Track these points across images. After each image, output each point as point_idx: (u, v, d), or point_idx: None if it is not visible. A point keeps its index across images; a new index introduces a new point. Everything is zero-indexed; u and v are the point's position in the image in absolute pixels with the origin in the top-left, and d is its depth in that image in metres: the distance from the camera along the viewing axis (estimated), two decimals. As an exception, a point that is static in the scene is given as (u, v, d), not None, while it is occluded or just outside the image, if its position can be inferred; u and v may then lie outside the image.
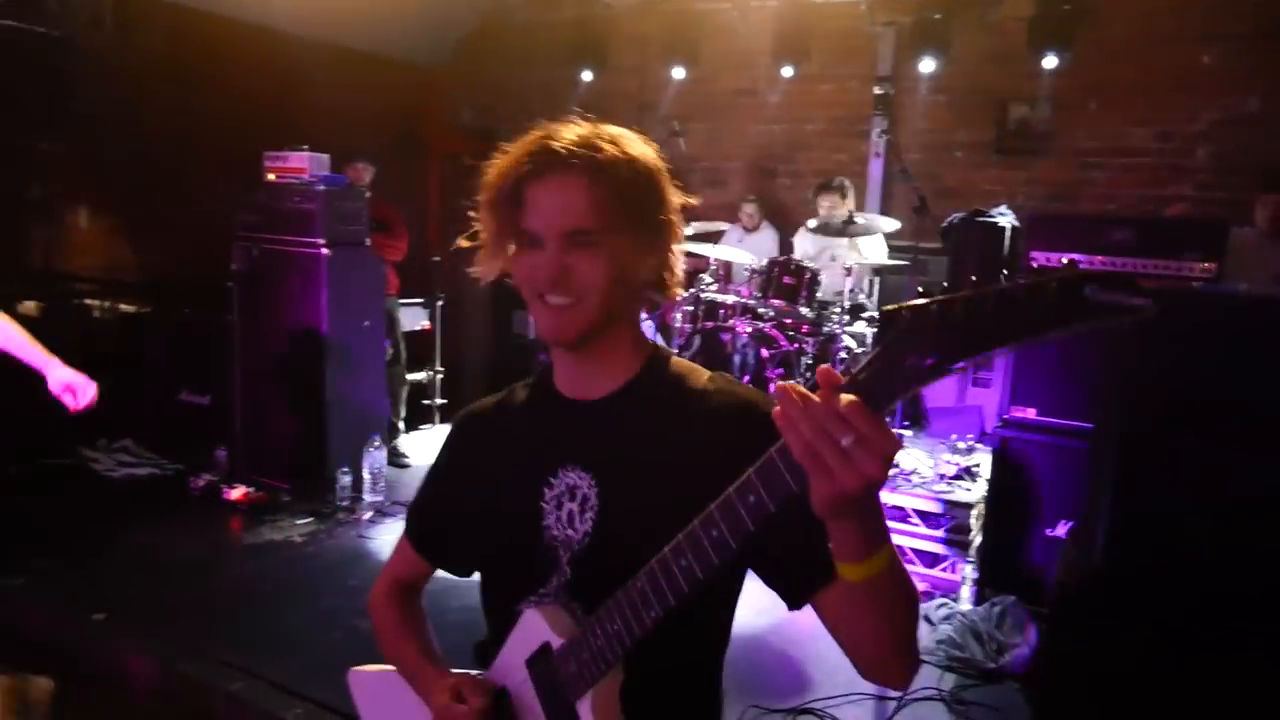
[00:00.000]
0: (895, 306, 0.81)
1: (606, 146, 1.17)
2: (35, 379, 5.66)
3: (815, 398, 0.83)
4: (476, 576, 1.38)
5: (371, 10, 6.73)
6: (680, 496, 1.00)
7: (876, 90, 6.69)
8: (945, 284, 5.16)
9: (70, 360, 6.27)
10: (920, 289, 4.60)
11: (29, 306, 7.31)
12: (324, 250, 4.66)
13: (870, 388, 0.82)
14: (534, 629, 1.20)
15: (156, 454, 5.36)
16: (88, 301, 6.81)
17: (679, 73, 7.05)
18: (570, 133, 1.17)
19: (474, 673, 1.30)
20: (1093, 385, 3.42)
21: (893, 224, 5.44)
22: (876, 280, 5.70)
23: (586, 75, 7.26)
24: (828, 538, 0.93)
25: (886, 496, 4.24)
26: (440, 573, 1.46)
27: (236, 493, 4.72)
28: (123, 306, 7.19)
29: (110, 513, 4.60)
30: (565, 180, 1.15)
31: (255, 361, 4.96)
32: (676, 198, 1.25)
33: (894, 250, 5.82)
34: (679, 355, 1.33)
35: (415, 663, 1.36)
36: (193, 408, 5.41)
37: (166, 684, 3.16)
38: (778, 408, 0.84)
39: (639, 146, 1.21)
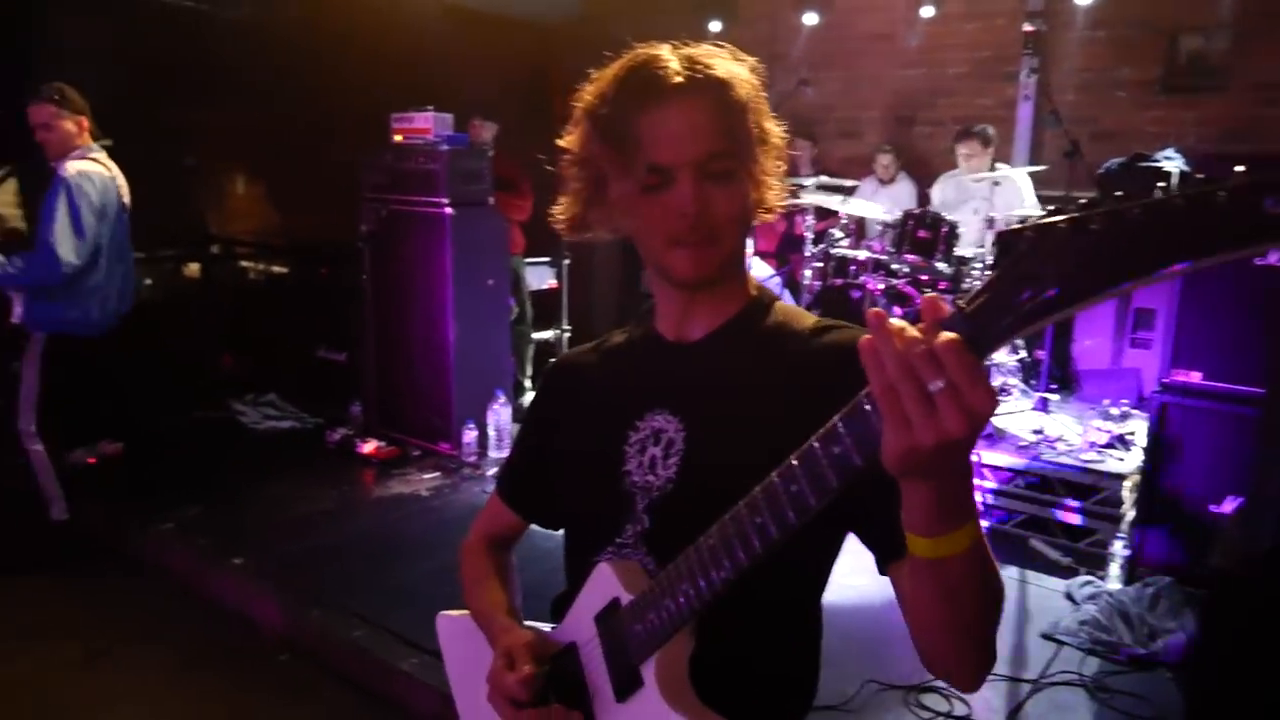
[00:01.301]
0: (1018, 226, 0.66)
1: (716, 64, 1.08)
2: (190, 336, 6.01)
3: (912, 330, 0.70)
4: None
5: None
6: (773, 445, 0.88)
7: (1026, 27, 6.20)
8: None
9: (226, 320, 6.64)
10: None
11: (192, 269, 7.80)
12: (448, 210, 4.70)
13: (976, 325, 0.68)
14: (605, 583, 1.13)
15: (298, 408, 5.60)
16: (243, 264, 7.19)
17: (811, 19, 6.74)
18: (672, 54, 1.08)
19: (544, 627, 1.25)
20: (1269, 345, 3.05)
21: (1038, 171, 5.04)
22: (1023, 233, 5.30)
23: (715, 26, 7.04)
24: None
25: (1022, 464, 3.96)
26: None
27: (369, 447, 4.87)
28: (274, 268, 7.57)
29: (254, 463, 4.85)
30: (689, 104, 1.05)
31: (385, 320, 5.08)
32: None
33: (1044, 200, 5.40)
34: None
35: (487, 613, 1.32)
36: (330, 364, 5.62)
37: (293, 629, 3.28)
38: (866, 337, 0.73)
39: (737, 62, 1.12)
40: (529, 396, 5.73)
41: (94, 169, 3.82)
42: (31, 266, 3.63)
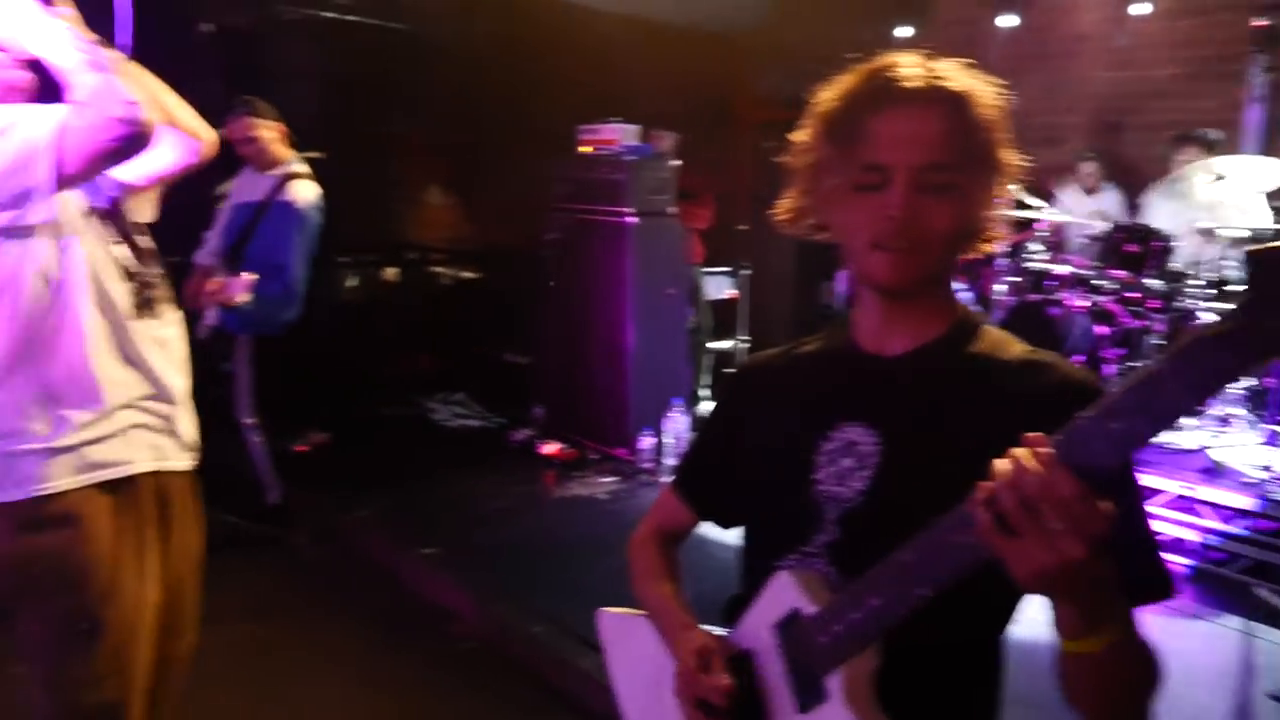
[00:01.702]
0: (1274, 244, 0.61)
1: (956, 77, 1.07)
2: (388, 336, 6.37)
3: (1030, 463, 0.78)
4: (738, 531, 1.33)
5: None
6: (971, 473, 0.86)
7: (1256, 22, 5.65)
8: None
9: (421, 322, 7.00)
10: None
11: (390, 274, 8.33)
12: (631, 219, 4.79)
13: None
14: (786, 592, 1.11)
15: (484, 408, 5.86)
16: (436, 269, 7.61)
17: (1009, 20, 6.43)
18: (914, 62, 1.07)
19: (719, 630, 1.24)
20: None
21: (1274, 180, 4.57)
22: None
23: (906, 31, 6.84)
24: None
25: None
26: (709, 528, 1.41)
27: (550, 448, 5.02)
28: (460, 273, 7.96)
29: (443, 459, 5.10)
30: (919, 110, 1.05)
31: (567, 326, 5.23)
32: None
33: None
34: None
35: (664, 608, 1.32)
36: (515, 367, 5.85)
37: (477, 620, 3.42)
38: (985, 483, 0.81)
39: (982, 81, 1.09)
40: (705, 406, 5.74)
41: (315, 194, 3.98)
42: (283, 295, 3.82)
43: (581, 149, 5.13)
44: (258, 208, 3.91)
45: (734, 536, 1.33)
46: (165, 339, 1.87)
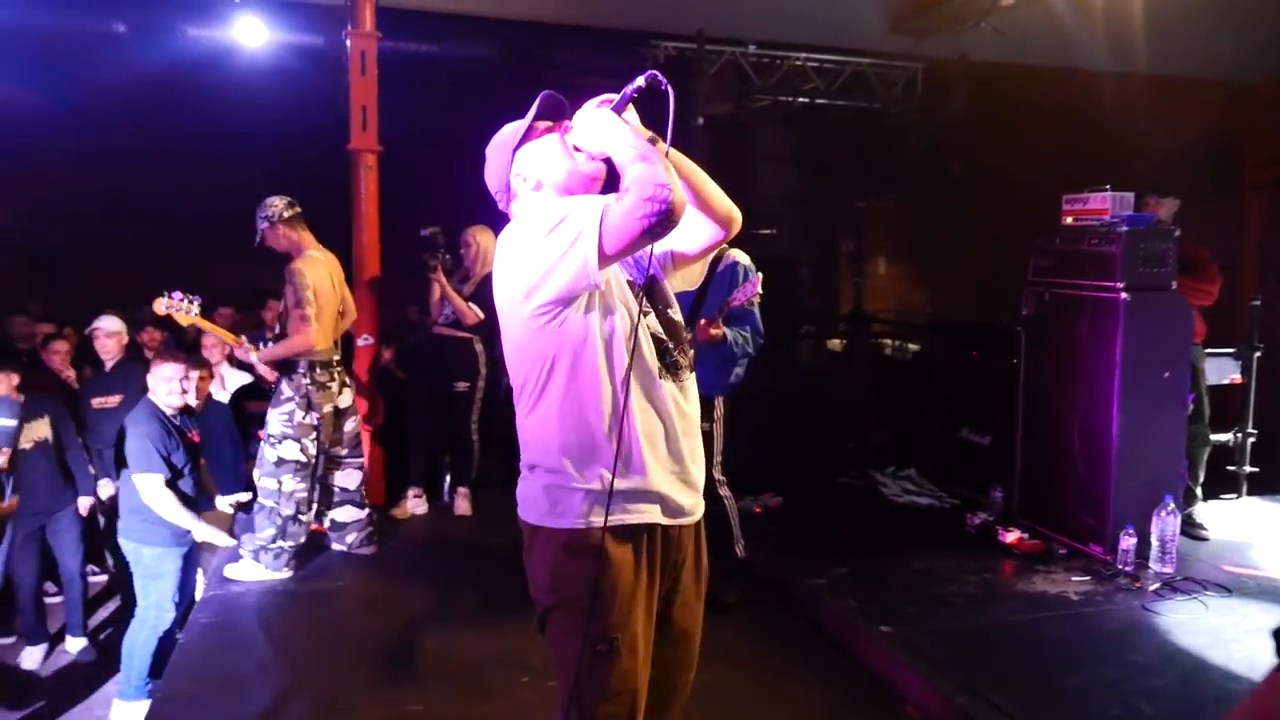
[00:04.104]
0: None
1: None
2: (837, 406, 6.43)
3: None
4: None
5: (1180, 31, 6.12)
6: None
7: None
8: None
9: (875, 394, 6.97)
10: None
11: (834, 344, 8.51)
12: (1123, 295, 4.36)
13: None
14: None
15: (936, 486, 5.67)
16: (893, 342, 7.60)
17: None
18: None
19: None
20: None
21: None
22: None
23: None
24: None
25: None
26: None
27: (1011, 536, 4.69)
28: (911, 346, 7.86)
29: (895, 534, 5.02)
30: None
31: (1039, 407, 4.88)
32: None
33: None
34: None
35: None
36: (972, 446, 5.58)
37: (935, 709, 3.27)
38: None
39: None
40: (1200, 509, 4.98)
41: (748, 258, 4.18)
42: (754, 335, 4.10)
43: (1066, 219, 4.80)
44: (699, 289, 4.13)
45: None
46: (685, 401, 2.07)
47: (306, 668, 3.60)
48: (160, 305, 4.29)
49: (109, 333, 4.94)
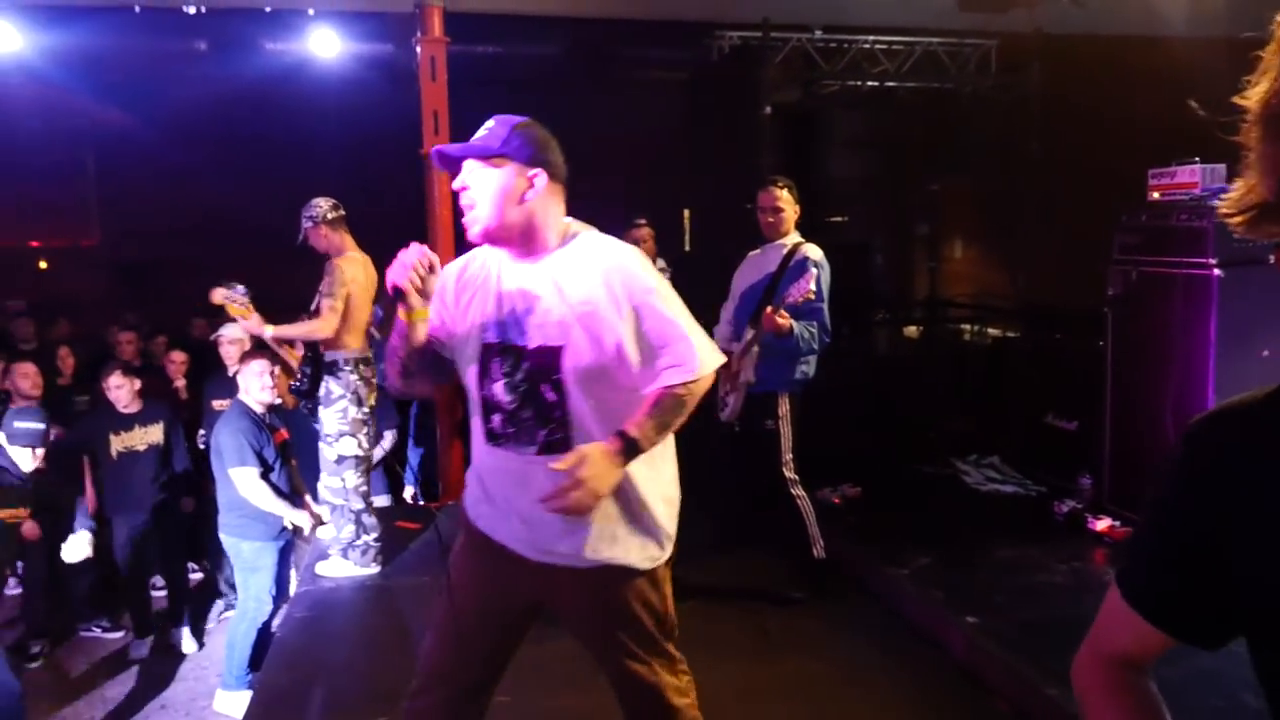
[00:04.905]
0: None
1: None
2: (915, 394, 6.33)
3: None
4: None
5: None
6: None
7: None
8: None
9: (955, 380, 6.82)
10: None
11: (911, 331, 8.35)
12: (1216, 271, 4.19)
13: None
14: None
15: (1020, 473, 5.53)
16: (973, 327, 7.43)
17: None
18: None
19: None
20: None
21: None
22: None
23: None
24: None
25: None
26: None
27: (1102, 524, 4.56)
28: (990, 331, 7.68)
29: (978, 523, 4.92)
30: None
31: (1129, 390, 4.71)
32: None
33: None
34: None
35: None
36: (1058, 432, 5.43)
37: (1024, 701, 3.20)
38: None
39: None
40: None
41: (821, 253, 4.12)
42: (820, 333, 4.07)
43: (1152, 195, 4.63)
44: (771, 279, 4.10)
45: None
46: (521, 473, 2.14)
47: (396, 660, 3.69)
48: (218, 295, 4.35)
49: (231, 339, 5.14)
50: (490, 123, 2.01)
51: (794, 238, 4.15)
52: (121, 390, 4.75)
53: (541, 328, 1.97)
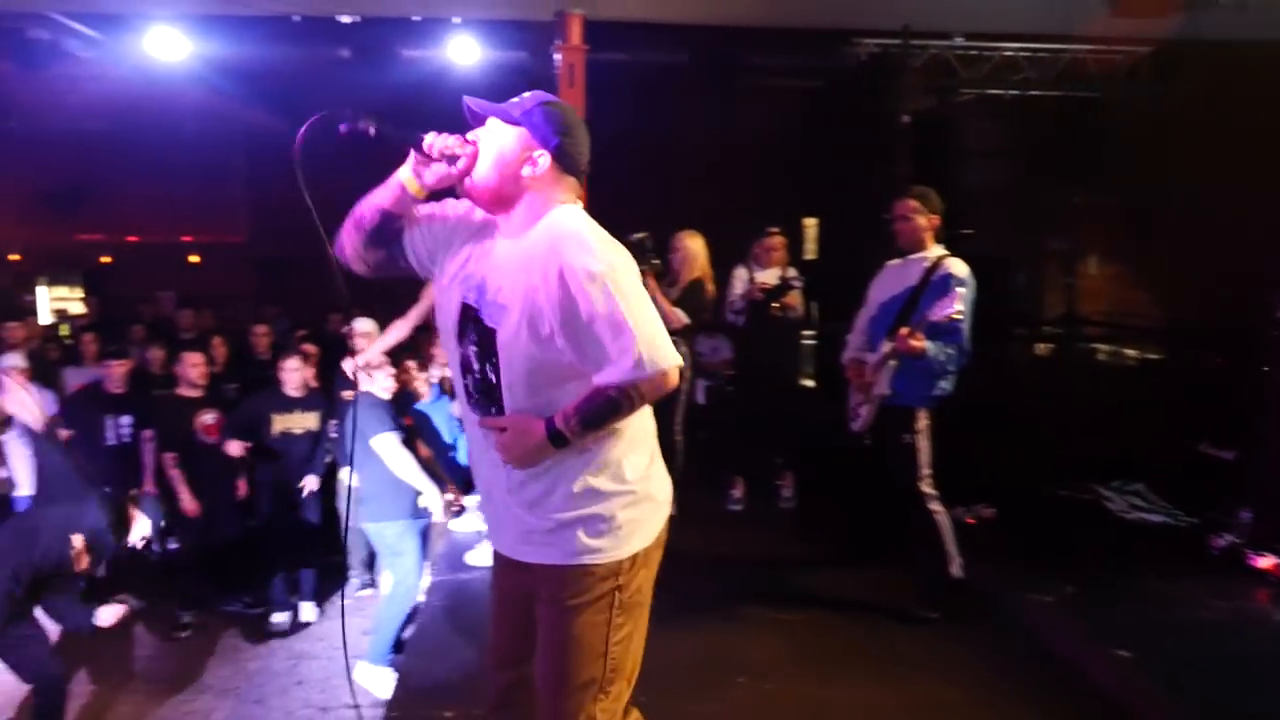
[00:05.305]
0: None
1: None
2: (1049, 414, 6.04)
3: None
4: None
5: None
6: None
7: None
8: None
9: (1098, 401, 6.51)
10: None
11: (1043, 349, 8.02)
12: (1406, 292, 3.88)
13: None
14: None
15: (1170, 503, 5.23)
16: (1117, 347, 7.09)
17: None
18: None
19: None
20: None
21: None
22: None
23: None
24: None
25: None
26: None
27: (1265, 561, 4.27)
28: (1127, 352, 7.31)
29: (1124, 553, 4.67)
30: None
31: (1296, 419, 4.41)
32: None
33: None
34: None
35: None
36: (1214, 461, 5.12)
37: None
38: None
39: None
40: None
41: (967, 269, 3.93)
42: (957, 355, 3.93)
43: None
44: (911, 293, 3.97)
45: None
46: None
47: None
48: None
49: (363, 333, 5.35)
50: (526, 94, 1.96)
51: (937, 251, 4.02)
52: (295, 374, 5.01)
53: (491, 305, 1.92)
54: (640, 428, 2.05)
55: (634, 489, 2.00)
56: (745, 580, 4.42)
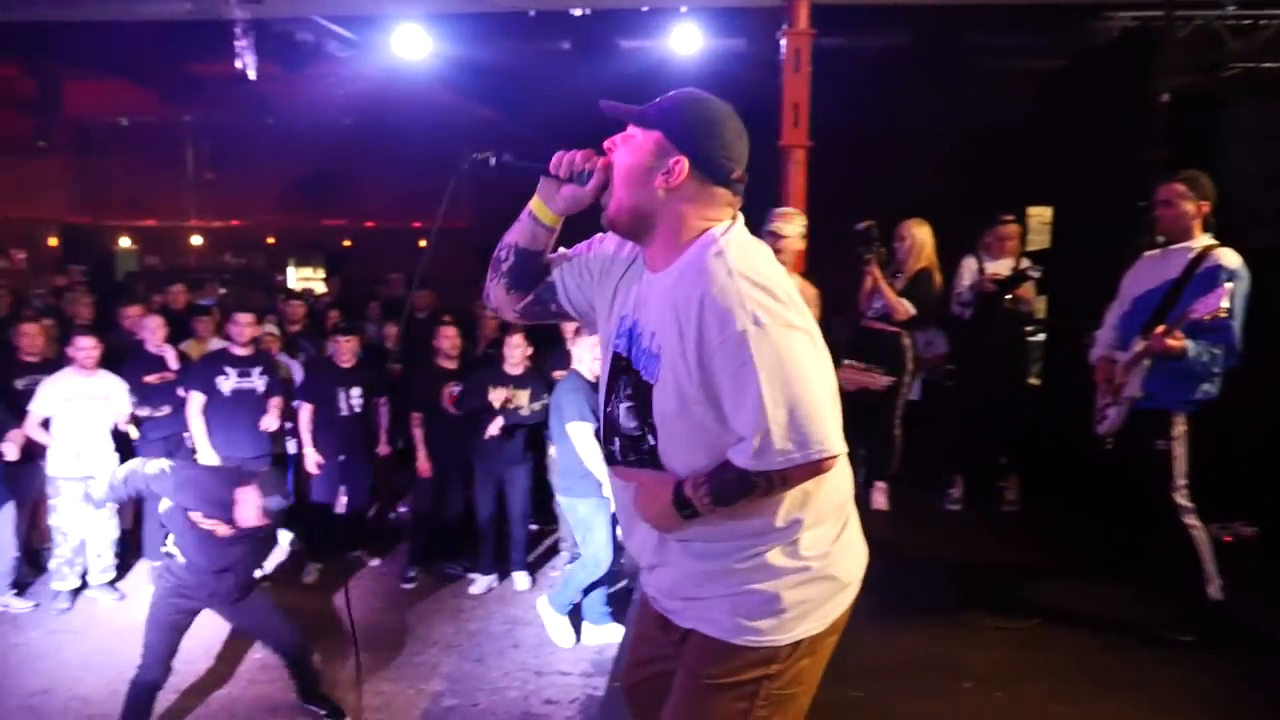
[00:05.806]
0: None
1: None
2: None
3: None
4: None
5: None
6: None
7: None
8: None
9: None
10: None
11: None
12: None
13: None
14: None
15: None
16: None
17: None
18: None
19: None
20: None
21: None
22: None
23: None
24: None
25: None
26: None
27: None
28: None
29: None
30: None
31: None
32: None
33: None
34: None
35: None
36: None
37: None
38: None
39: None
40: None
41: (1240, 260, 3.53)
42: (1225, 355, 3.56)
43: None
44: (1171, 286, 3.60)
45: None
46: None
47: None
48: None
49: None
50: (672, 92, 1.71)
51: (1204, 240, 3.64)
52: (517, 351, 5.28)
53: (646, 356, 1.65)
54: (829, 494, 1.71)
55: (810, 565, 1.69)
56: (966, 584, 4.21)
